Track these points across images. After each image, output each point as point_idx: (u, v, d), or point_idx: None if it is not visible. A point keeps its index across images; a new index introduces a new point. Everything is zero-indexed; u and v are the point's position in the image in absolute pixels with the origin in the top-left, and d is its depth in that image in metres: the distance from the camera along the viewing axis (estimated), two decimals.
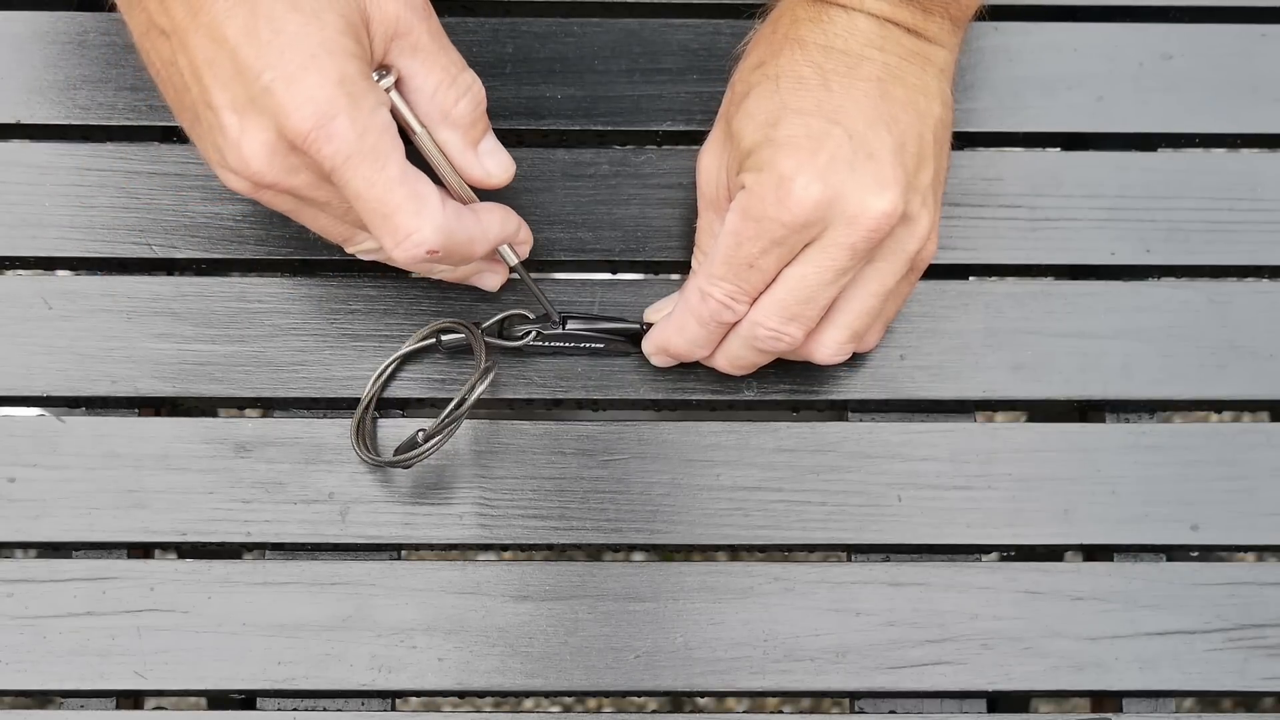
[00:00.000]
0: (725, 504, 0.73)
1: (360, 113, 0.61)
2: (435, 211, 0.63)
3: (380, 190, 0.62)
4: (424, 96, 0.65)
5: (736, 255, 0.66)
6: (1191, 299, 0.76)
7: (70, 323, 0.74)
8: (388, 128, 0.62)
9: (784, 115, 0.66)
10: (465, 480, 0.73)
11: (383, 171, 0.62)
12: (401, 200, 0.62)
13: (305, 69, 0.60)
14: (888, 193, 0.65)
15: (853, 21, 0.66)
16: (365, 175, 0.62)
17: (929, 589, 0.73)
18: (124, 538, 0.73)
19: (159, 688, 0.71)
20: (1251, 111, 0.78)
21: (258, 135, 0.61)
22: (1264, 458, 0.75)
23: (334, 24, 0.61)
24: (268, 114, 0.61)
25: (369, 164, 0.62)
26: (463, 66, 0.66)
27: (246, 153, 0.61)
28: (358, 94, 0.61)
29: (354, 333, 0.74)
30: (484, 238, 0.67)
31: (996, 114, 0.78)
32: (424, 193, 0.63)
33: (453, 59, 0.66)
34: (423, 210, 0.63)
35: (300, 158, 0.62)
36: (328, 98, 0.60)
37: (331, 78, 0.60)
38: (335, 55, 0.61)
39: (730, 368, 0.71)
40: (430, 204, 0.63)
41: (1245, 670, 0.73)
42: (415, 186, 0.63)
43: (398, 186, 0.62)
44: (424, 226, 0.63)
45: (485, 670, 0.72)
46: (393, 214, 0.63)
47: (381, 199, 0.62)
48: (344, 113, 0.61)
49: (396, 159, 0.62)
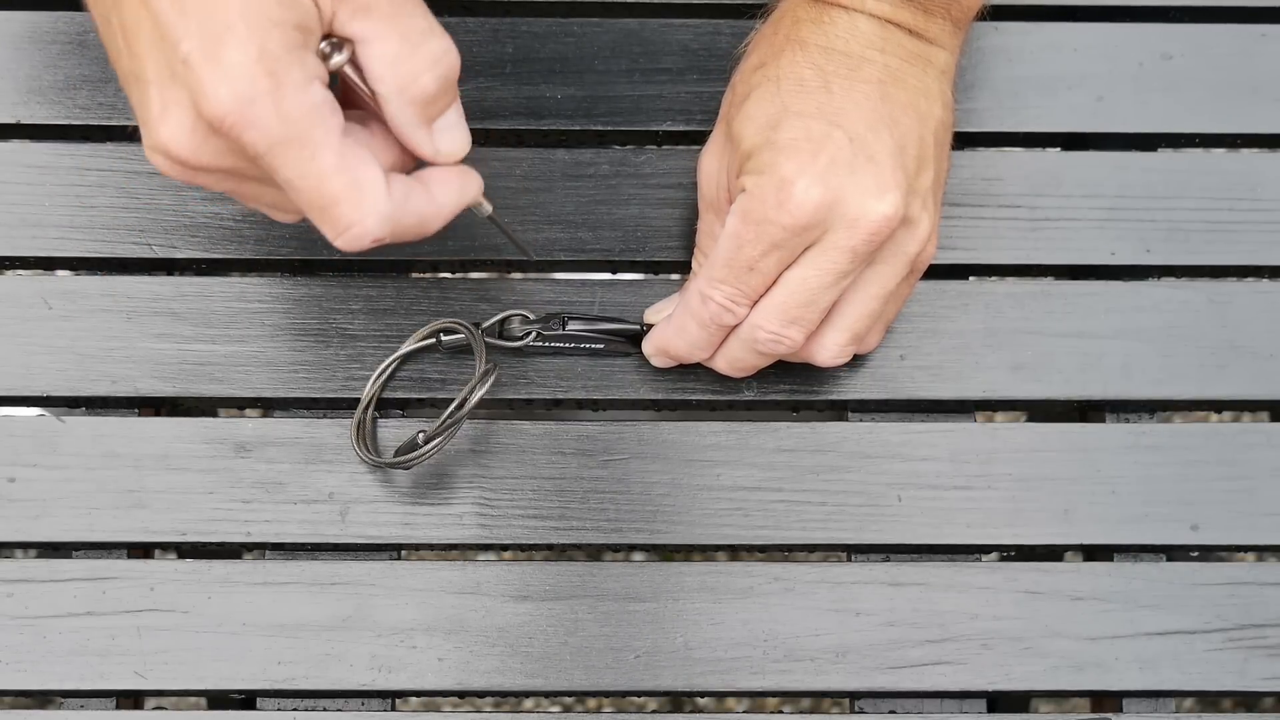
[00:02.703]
0: (725, 504, 0.73)
1: (284, 94, 0.54)
2: (378, 200, 0.57)
3: (313, 181, 0.56)
4: (381, 64, 0.57)
5: (737, 258, 0.66)
6: (1191, 299, 0.76)
7: (70, 323, 0.74)
8: (318, 108, 0.55)
9: (784, 117, 0.65)
10: (465, 480, 0.73)
11: (314, 160, 0.55)
12: (338, 190, 0.56)
13: (222, 41, 0.53)
14: (888, 196, 0.65)
15: (854, 23, 0.66)
16: (294, 164, 0.55)
17: (929, 589, 0.73)
18: (124, 538, 0.73)
19: (159, 688, 0.71)
20: (1251, 111, 0.78)
21: (178, 114, 0.55)
22: (1264, 458, 0.75)
23: None
24: (186, 91, 0.54)
25: (297, 152, 0.55)
26: (430, 33, 0.58)
27: (165, 134, 0.55)
28: (281, 71, 0.54)
29: (354, 333, 0.74)
30: (438, 215, 0.60)
31: (996, 114, 0.78)
32: (364, 179, 0.57)
33: (416, 24, 0.58)
34: (363, 200, 0.57)
35: (225, 140, 0.55)
36: (246, 76, 0.53)
37: (251, 53, 0.53)
38: (256, 25, 0.53)
39: (730, 370, 0.71)
40: (371, 192, 0.57)
41: (1245, 670, 0.73)
42: (354, 173, 0.56)
43: (333, 176, 0.56)
44: (365, 218, 0.57)
45: (485, 670, 0.72)
46: (330, 206, 0.56)
47: (316, 189, 0.56)
48: (265, 94, 0.54)
49: (331, 143, 0.56)
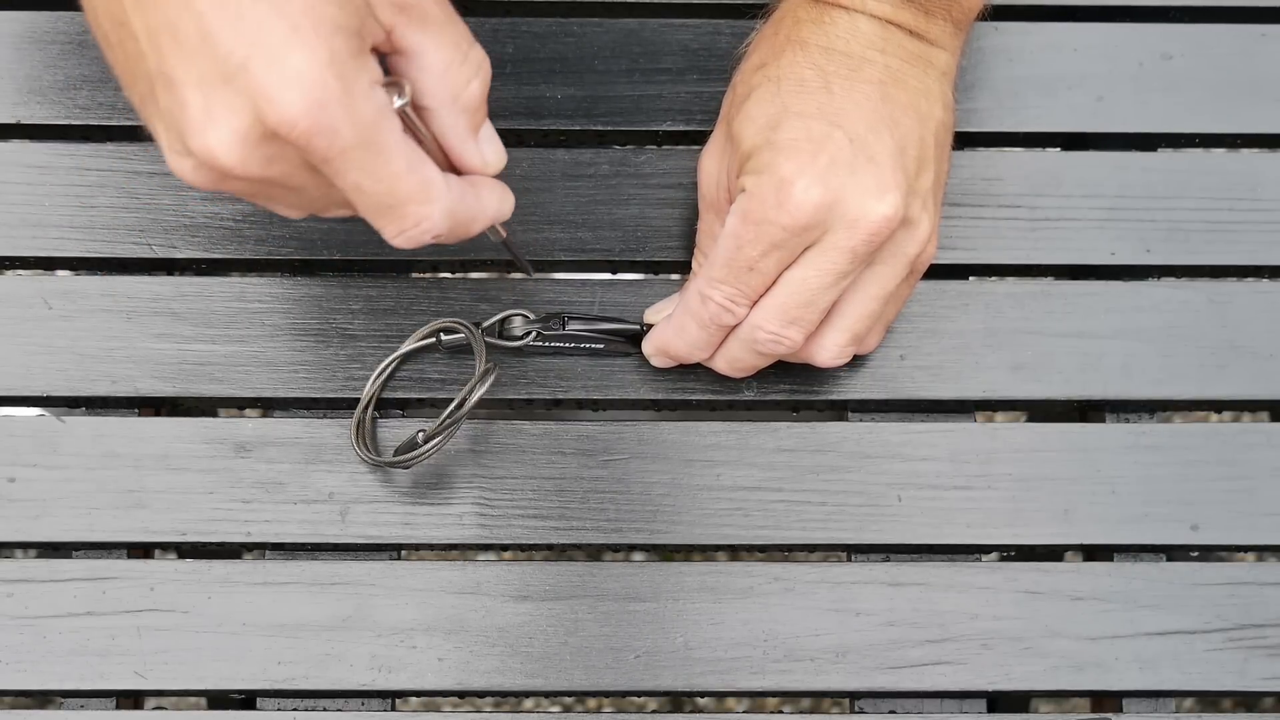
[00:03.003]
0: (725, 504, 0.73)
1: (355, 99, 0.54)
2: (443, 195, 0.58)
3: (386, 184, 0.56)
4: (433, 75, 0.58)
5: (736, 258, 0.66)
6: (1191, 299, 0.76)
7: (70, 323, 0.74)
8: (385, 111, 0.55)
9: (785, 118, 0.65)
10: (465, 480, 0.73)
11: (388, 164, 0.56)
12: (410, 189, 0.57)
13: (289, 45, 0.52)
14: (888, 196, 0.65)
15: (854, 23, 0.66)
16: (367, 167, 0.55)
17: (929, 589, 0.73)
18: (124, 538, 0.73)
19: (159, 688, 0.71)
20: (1251, 111, 0.78)
21: (229, 121, 0.53)
22: (1264, 458, 0.75)
23: None
24: (244, 96, 0.53)
25: (369, 156, 0.55)
26: (472, 41, 0.59)
27: (213, 140, 0.53)
28: (350, 76, 0.53)
29: (354, 333, 0.74)
30: (483, 215, 0.61)
31: (996, 114, 0.78)
32: (430, 177, 0.57)
33: (463, 33, 0.58)
34: (431, 196, 0.57)
35: (280, 147, 0.54)
36: (317, 81, 0.52)
37: (320, 57, 0.52)
38: (322, 27, 0.52)
39: (730, 370, 0.71)
40: (438, 187, 0.57)
41: (1245, 670, 0.73)
42: (421, 172, 0.57)
43: (405, 176, 0.56)
44: (434, 213, 0.57)
45: (485, 670, 0.72)
46: (400, 204, 0.57)
47: (388, 191, 0.56)
48: (337, 100, 0.53)
49: (400, 145, 0.56)
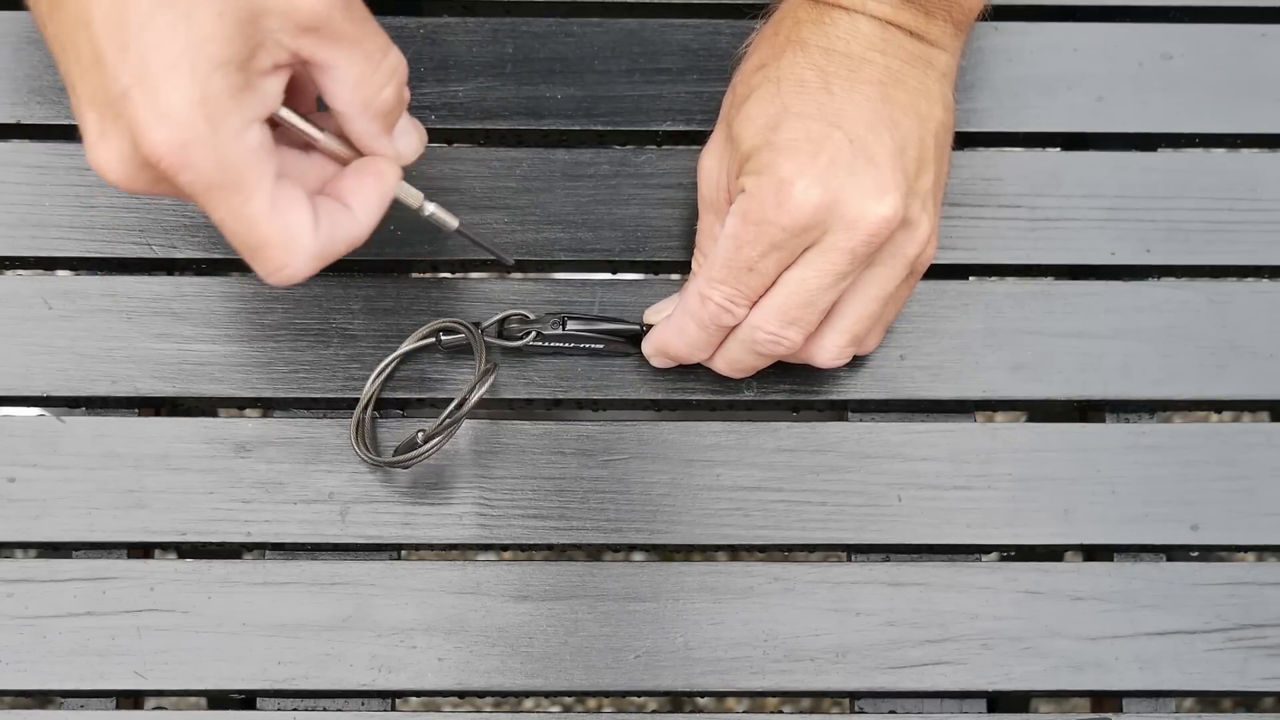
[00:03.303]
0: (725, 504, 0.73)
1: (221, 140, 0.55)
2: (306, 243, 0.58)
3: (245, 225, 0.57)
4: (346, 87, 0.58)
5: (736, 258, 0.66)
6: (1191, 299, 0.76)
7: (70, 323, 0.74)
8: (254, 153, 0.56)
9: (784, 118, 0.65)
10: (465, 480, 0.73)
11: (246, 205, 0.56)
12: (270, 235, 0.57)
13: (165, 81, 0.53)
14: (887, 197, 0.65)
15: (854, 24, 0.66)
16: (228, 208, 0.56)
17: (929, 589, 0.73)
18: (124, 538, 0.73)
19: (159, 688, 0.72)
20: (1251, 111, 0.78)
21: (115, 144, 0.55)
22: (1264, 458, 0.75)
23: (205, 25, 0.53)
24: (124, 123, 0.54)
25: (230, 196, 0.56)
26: (387, 47, 0.59)
27: (102, 158, 0.56)
28: (220, 116, 0.54)
29: (354, 333, 0.74)
30: (363, 231, 0.60)
31: (996, 114, 0.78)
32: (294, 223, 0.57)
33: (376, 42, 0.58)
34: (292, 244, 0.57)
35: (159, 173, 0.55)
36: (184, 121, 0.54)
37: (192, 96, 0.54)
38: (201, 66, 0.54)
39: (730, 370, 0.71)
40: (300, 235, 0.57)
41: (1245, 670, 0.73)
42: (285, 218, 0.57)
43: (264, 222, 0.57)
44: (295, 260, 0.58)
45: (485, 670, 0.72)
46: (261, 248, 0.57)
47: (248, 233, 0.57)
48: (201, 140, 0.54)
49: (264, 188, 0.56)
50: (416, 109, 0.76)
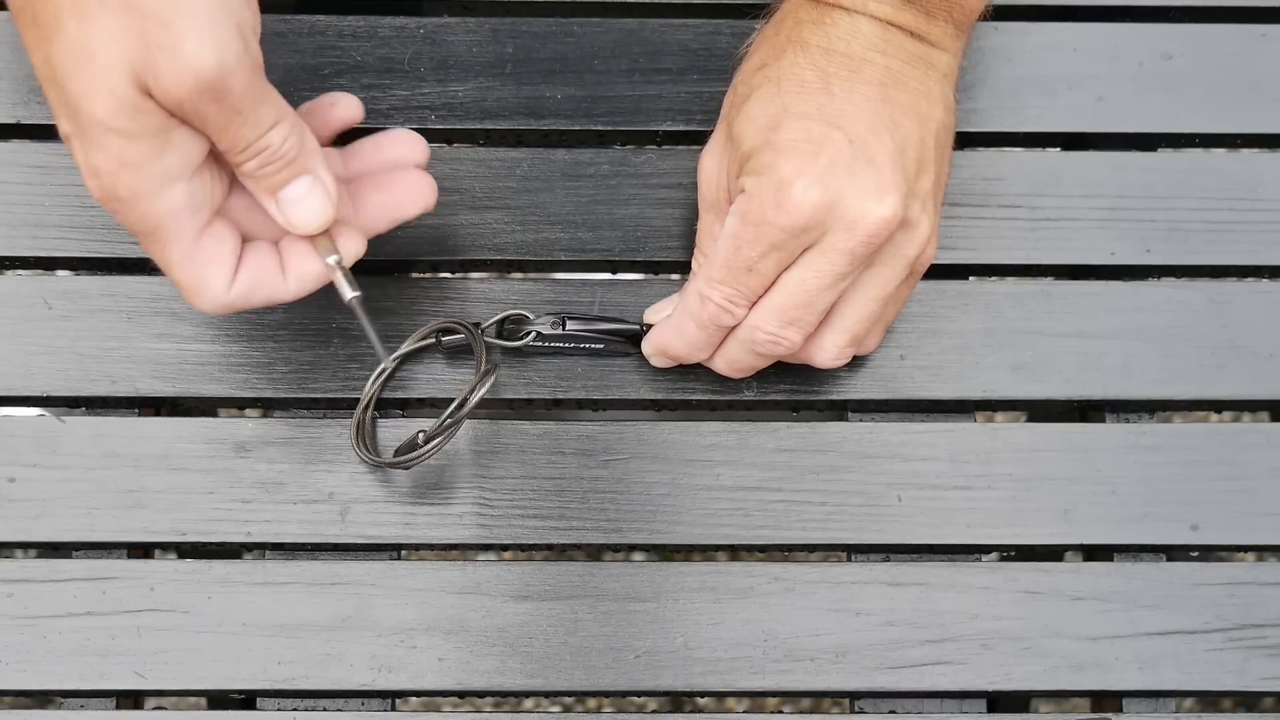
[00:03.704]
0: (725, 504, 0.73)
1: (139, 201, 0.60)
2: (216, 295, 0.62)
3: (164, 267, 0.62)
4: (225, 150, 0.61)
5: (735, 259, 0.66)
6: (1191, 299, 0.76)
7: (70, 323, 0.74)
8: (172, 213, 0.60)
9: (784, 119, 0.65)
10: (465, 480, 0.73)
11: (164, 253, 0.61)
12: (180, 280, 0.62)
13: (89, 137, 0.58)
14: (887, 198, 0.65)
15: (855, 24, 0.66)
16: (151, 250, 0.62)
17: (929, 589, 0.73)
18: (124, 538, 0.73)
19: (159, 688, 0.72)
20: (1251, 111, 0.78)
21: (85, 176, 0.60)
22: (1264, 458, 0.75)
23: (106, 101, 0.57)
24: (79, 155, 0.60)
25: (151, 243, 0.61)
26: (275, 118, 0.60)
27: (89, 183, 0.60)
28: (138, 181, 0.59)
29: (354, 333, 0.74)
30: (288, 295, 0.65)
31: (996, 114, 0.78)
32: (207, 277, 0.62)
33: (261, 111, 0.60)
34: (202, 293, 0.62)
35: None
36: (109, 178, 0.59)
37: (110, 160, 0.58)
38: (113, 133, 0.58)
39: (729, 370, 0.71)
40: (209, 289, 0.62)
41: (1245, 670, 0.73)
42: (200, 270, 0.62)
43: (177, 269, 0.62)
44: (202, 306, 0.63)
45: (485, 670, 0.72)
46: (181, 287, 0.63)
47: (167, 272, 0.63)
48: (123, 199, 0.59)
49: (181, 241, 0.61)
50: (416, 109, 0.76)
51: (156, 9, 0.56)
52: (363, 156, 0.68)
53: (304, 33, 0.77)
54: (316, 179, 0.63)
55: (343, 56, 0.76)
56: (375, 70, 0.76)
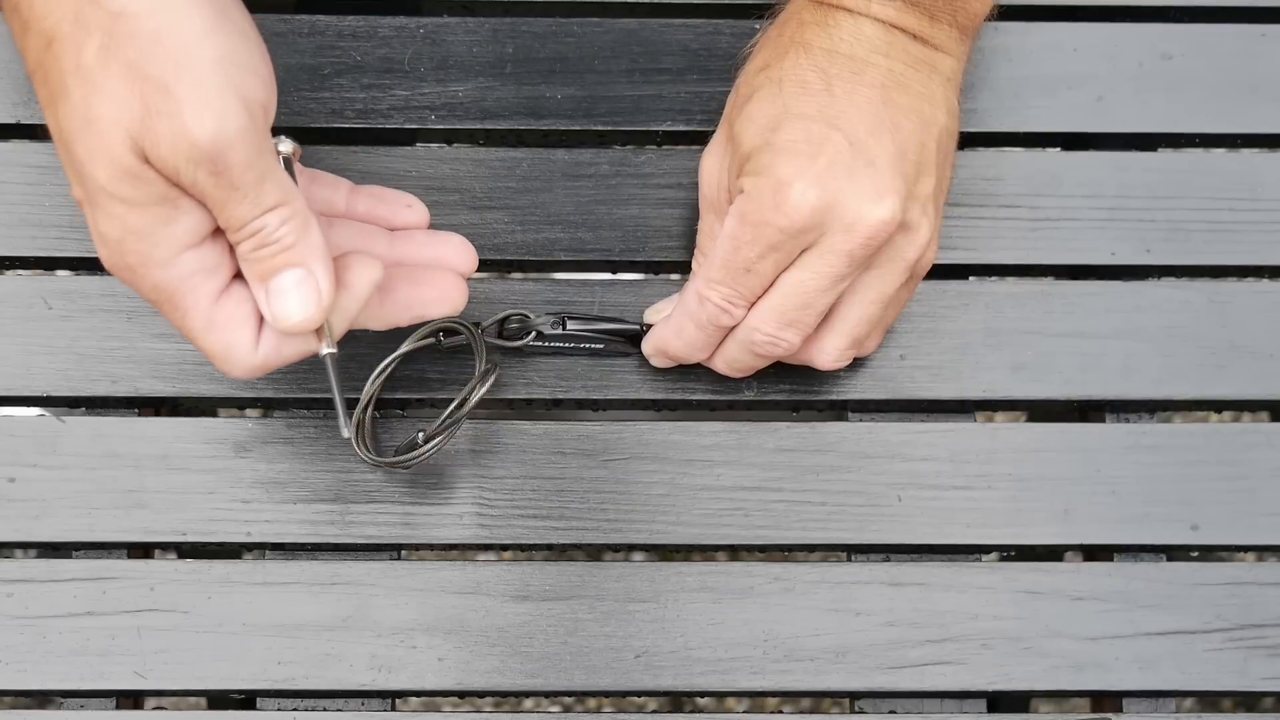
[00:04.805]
0: (725, 504, 0.73)
1: (149, 270, 0.58)
2: (243, 359, 0.60)
3: (188, 335, 0.60)
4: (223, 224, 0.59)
5: (734, 259, 0.66)
6: (1191, 299, 0.76)
7: (70, 323, 0.74)
8: (185, 280, 0.59)
9: (785, 120, 0.65)
10: (465, 480, 0.73)
11: (184, 322, 0.60)
12: (206, 348, 0.61)
13: (96, 205, 0.57)
14: (886, 201, 0.65)
15: (858, 27, 0.66)
16: (171, 319, 0.60)
17: (929, 589, 0.73)
18: (124, 538, 0.73)
19: (159, 688, 0.72)
20: (1251, 111, 0.78)
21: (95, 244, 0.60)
22: (1264, 458, 0.75)
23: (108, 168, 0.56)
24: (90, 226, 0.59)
25: (169, 312, 0.60)
26: (279, 200, 0.58)
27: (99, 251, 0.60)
28: (145, 250, 0.58)
29: (354, 333, 0.74)
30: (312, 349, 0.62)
31: (996, 114, 0.78)
32: (232, 342, 0.60)
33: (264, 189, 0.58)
34: (230, 359, 0.60)
35: None
36: (116, 247, 0.58)
37: (115, 230, 0.57)
38: (117, 202, 0.57)
39: (729, 371, 0.71)
40: (236, 355, 0.60)
41: (1245, 670, 0.73)
42: (223, 336, 0.60)
43: (200, 337, 0.60)
44: (232, 371, 0.61)
45: (485, 670, 0.72)
46: (207, 354, 0.61)
47: (192, 341, 0.61)
48: (132, 269, 0.58)
49: (198, 309, 0.59)
50: (417, 109, 0.76)
51: (159, 74, 0.55)
52: (412, 246, 0.67)
53: (304, 33, 0.77)
54: (310, 274, 0.59)
55: (343, 56, 0.76)
56: (375, 70, 0.76)
